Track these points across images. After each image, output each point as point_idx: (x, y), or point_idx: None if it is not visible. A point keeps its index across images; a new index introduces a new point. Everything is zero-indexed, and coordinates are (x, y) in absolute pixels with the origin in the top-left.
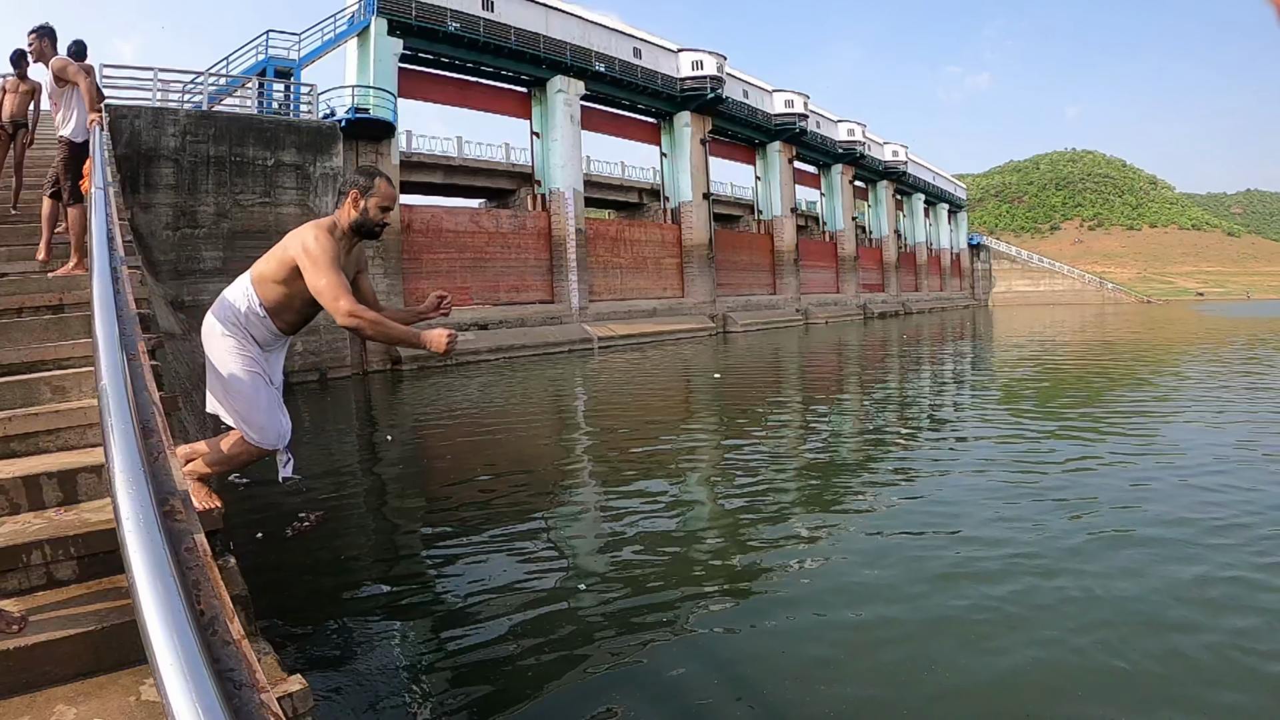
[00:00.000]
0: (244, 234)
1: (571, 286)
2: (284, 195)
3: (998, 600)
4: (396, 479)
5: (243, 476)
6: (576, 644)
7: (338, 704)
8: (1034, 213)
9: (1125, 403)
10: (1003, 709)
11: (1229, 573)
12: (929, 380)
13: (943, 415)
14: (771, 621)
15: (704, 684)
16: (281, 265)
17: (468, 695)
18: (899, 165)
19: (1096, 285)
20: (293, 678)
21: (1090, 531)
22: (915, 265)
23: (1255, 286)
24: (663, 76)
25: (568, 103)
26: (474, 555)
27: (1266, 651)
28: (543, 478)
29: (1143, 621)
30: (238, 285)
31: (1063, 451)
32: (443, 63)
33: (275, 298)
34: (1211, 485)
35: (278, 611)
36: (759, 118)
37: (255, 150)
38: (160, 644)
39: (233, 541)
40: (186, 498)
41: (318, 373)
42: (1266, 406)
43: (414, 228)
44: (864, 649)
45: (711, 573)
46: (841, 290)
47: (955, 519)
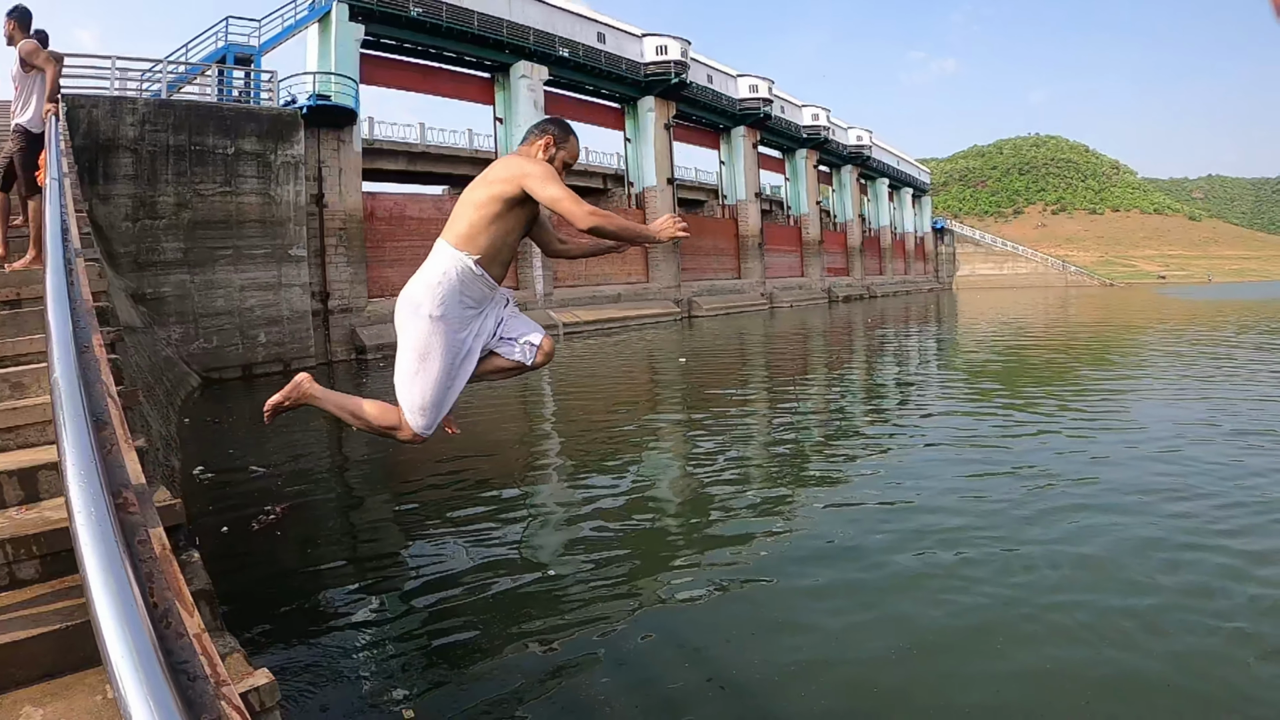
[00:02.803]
0: (205, 224)
1: (536, 273)
2: (245, 184)
3: (968, 581)
4: (361, 469)
5: (207, 470)
6: (545, 626)
7: (307, 696)
8: (997, 197)
9: (1087, 381)
10: (967, 693)
11: (1184, 538)
12: (893, 362)
13: (907, 395)
14: (739, 596)
15: (673, 661)
16: (493, 201)
17: (438, 681)
18: (863, 150)
19: (1059, 268)
20: (259, 671)
21: (1051, 503)
22: (880, 249)
23: (1216, 270)
24: (627, 62)
25: (531, 88)
26: (441, 542)
27: (1218, 609)
28: (509, 464)
29: (1102, 584)
30: (436, 259)
31: (1025, 428)
32: (405, 48)
33: (487, 244)
34: (1170, 459)
35: (245, 605)
36: (723, 102)
37: (215, 139)
38: (112, 637)
39: (198, 536)
40: (142, 491)
41: (281, 364)
42: (1226, 385)
43: (376, 215)
44: (830, 621)
45: (678, 551)
46: (806, 274)
47: (919, 493)
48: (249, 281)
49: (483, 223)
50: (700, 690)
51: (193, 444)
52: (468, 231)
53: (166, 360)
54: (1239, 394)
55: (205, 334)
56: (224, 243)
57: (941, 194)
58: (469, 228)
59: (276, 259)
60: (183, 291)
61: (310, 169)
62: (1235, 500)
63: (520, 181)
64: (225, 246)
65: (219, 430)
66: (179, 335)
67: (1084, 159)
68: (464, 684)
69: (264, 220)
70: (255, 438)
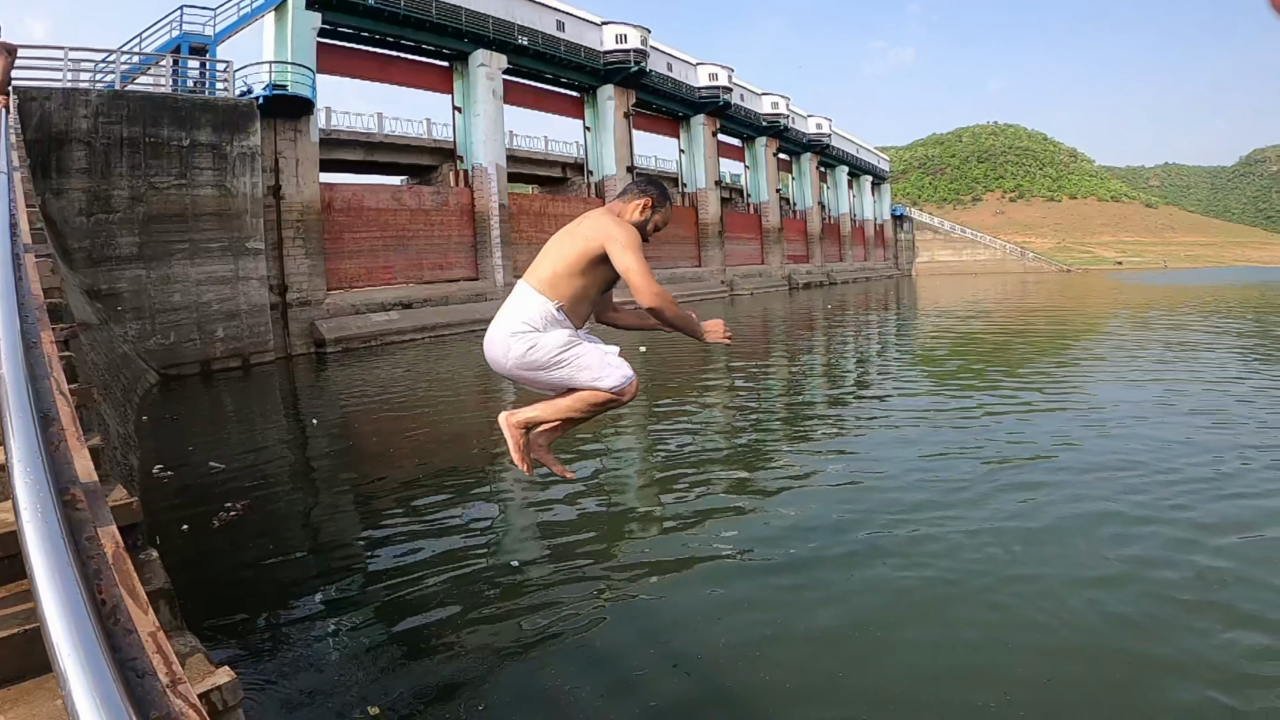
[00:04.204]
0: (160, 218)
1: (496, 263)
2: (200, 176)
3: (925, 557)
4: (322, 463)
5: (166, 468)
6: (509, 614)
7: (272, 693)
8: (956, 184)
9: (1045, 364)
10: (930, 662)
11: (1137, 512)
12: (854, 348)
13: (866, 378)
14: (701, 577)
15: (636, 644)
16: (584, 256)
17: (402, 676)
18: (823, 138)
19: (1018, 255)
20: (220, 670)
21: (1006, 481)
22: (839, 236)
23: (1172, 256)
24: (586, 50)
25: (490, 77)
26: (403, 534)
27: (1169, 579)
28: (471, 455)
29: (1055, 558)
30: (519, 303)
31: (983, 409)
32: (363, 37)
33: (573, 292)
34: (1125, 437)
35: (207, 604)
36: (683, 91)
37: (170, 130)
38: (57, 633)
39: (158, 535)
40: (92, 488)
41: (240, 358)
42: (1181, 367)
43: (335, 207)
44: (788, 598)
45: (639, 535)
46: (766, 262)
47: (877, 473)
48: (206, 276)
49: (566, 273)
50: (662, 672)
51: (151, 442)
52: (551, 279)
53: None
54: (1193, 376)
55: (162, 330)
56: (180, 236)
57: (901, 182)
58: (553, 275)
59: (233, 252)
60: (138, 287)
61: (267, 160)
62: (1187, 476)
63: (604, 243)
64: (181, 240)
65: (178, 427)
66: (136, 331)
67: (1042, 147)
68: (429, 676)
69: (220, 213)
70: (214, 434)
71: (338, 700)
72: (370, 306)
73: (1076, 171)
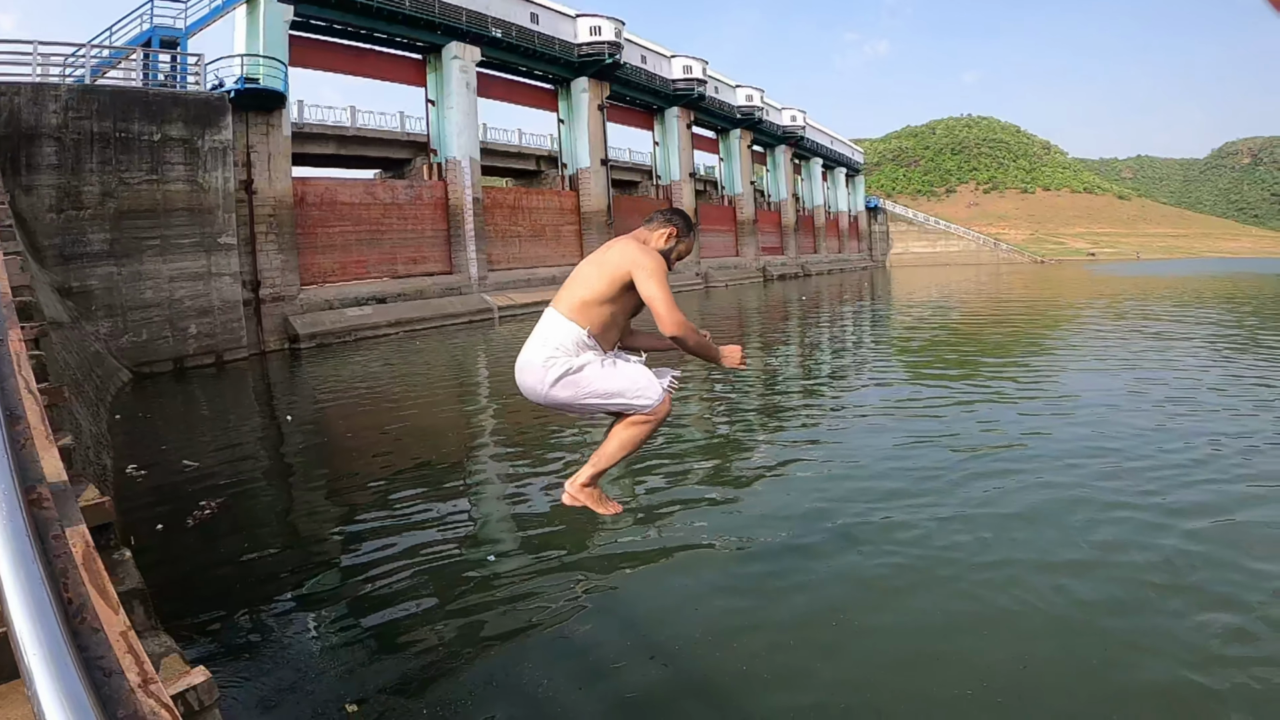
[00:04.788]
0: (131, 214)
1: (470, 256)
2: (172, 171)
3: (896, 545)
4: (297, 460)
5: (140, 467)
6: (486, 608)
7: (249, 692)
8: (930, 176)
9: (1019, 353)
10: (902, 649)
11: (1109, 498)
12: (829, 339)
13: (841, 368)
14: (677, 565)
15: (613, 634)
16: (613, 283)
17: (379, 671)
18: (797, 130)
19: (991, 246)
20: (195, 669)
21: (980, 468)
22: (814, 228)
23: (1144, 247)
24: (560, 42)
25: (463, 69)
26: (380, 531)
27: (1139, 562)
28: (447, 451)
29: (1028, 543)
30: (550, 330)
31: (957, 398)
32: (335, 29)
33: (602, 318)
34: (1098, 425)
35: (182, 603)
36: (657, 83)
37: (141, 125)
38: (22, 631)
39: (132, 535)
40: (61, 488)
41: (213, 355)
42: (1154, 357)
43: (307, 201)
44: (763, 584)
45: (617, 531)
46: (741, 254)
47: (852, 461)
48: (178, 272)
49: (596, 300)
50: (638, 662)
51: (125, 441)
52: (580, 306)
53: (96, 355)
54: (1165, 364)
55: (134, 327)
56: (151, 232)
57: (875, 174)
58: (582, 303)
59: (205, 248)
60: (110, 284)
61: (239, 154)
62: (1158, 463)
63: (632, 270)
64: (153, 236)
65: (151, 426)
66: (108, 329)
67: (1015, 139)
68: (406, 671)
69: (192, 208)
70: (188, 432)
71: (315, 697)
72: (344, 301)
73: (1050, 164)
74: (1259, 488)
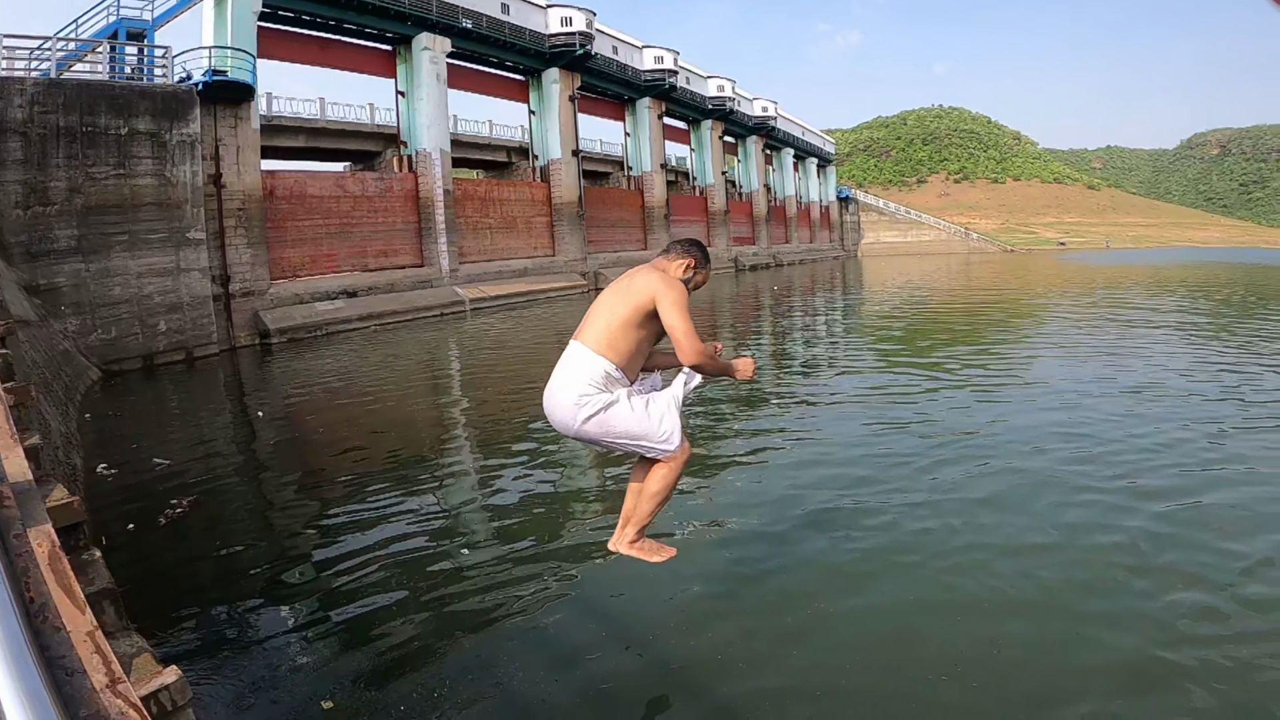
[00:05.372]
0: (99, 209)
1: (441, 249)
2: (139, 165)
3: (866, 530)
4: (270, 456)
5: (110, 466)
6: (460, 603)
7: (222, 691)
8: (901, 166)
9: (989, 341)
10: (874, 632)
11: (1078, 481)
12: (801, 328)
13: (813, 356)
14: (652, 566)
15: (588, 627)
16: (638, 310)
17: (355, 667)
18: (768, 120)
19: (962, 235)
20: (168, 669)
21: (950, 454)
22: (785, 218)
23: (1114, 237)
24: (531, 33)
25: (434, 60)
26: (353, 525)
27: (1104, 543)
28: (420, 444)
29: (996, 527)
30: (578, 365)
31: (928, 385)
32: (304, 20)
33: (628, 348)
34: (1067, 411)
35: (154, 603)
36: (629, 74)
37: (108, 119)
38: None
39: (103, 535)
40: (25, 487)
41: (184, 351)
42: (1122, 344)
43: (277, 194)
44: (735, 570)
45: (588, 517)
46: (712, 244)
47: (824, 447)
48: (146, 268)
49: (621, 330)
50: (611, 651)
51: (95, 440)
52: (607, 339)
53: (64, 354)
54: (1135, 352)
55: (103, 325)
56: (119, 228)
57: (846, 164)
58: (608, 335)
59: (174, 243)
60: (78, 281)
61: (207, 148)
62: (1127, 447)
63: (656, 299)
64: (121, 232)
65: (121, 424)
66: (76, 327)
67: (986, 130)
68: (381, 666)
69: (160, 203)
70: (158, 430)
71: (290, 695)
72: (315, 295)
73: (1020, 154)
74: (1226, 470)
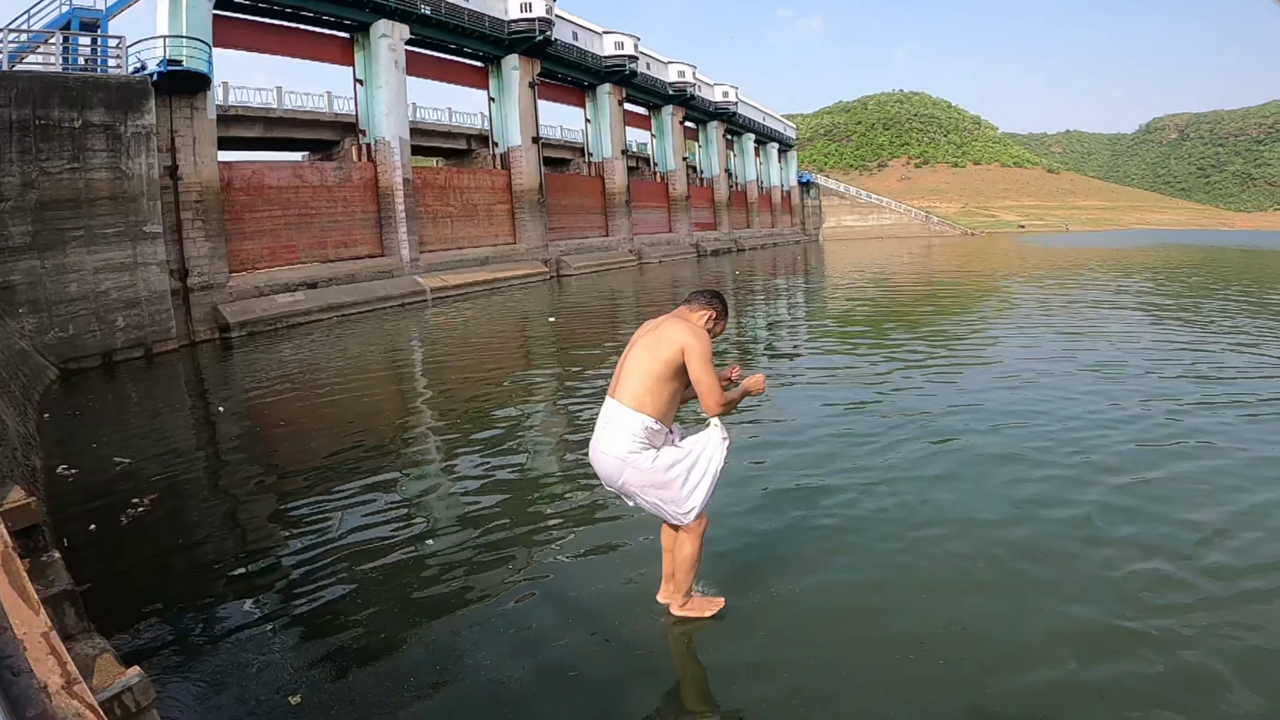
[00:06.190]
0: (53, 204)
1: (401, 238)
2: (94, 159)
3: (829, 508)
4: (231, 451)
5: (71, 466)
6: (428, 596)
7: (188, 689)
8: (862, 151)
9: (950, 323)
10: (837, 607)
11: (1037, 456)
12: (764, 311)
13: (776, 339)
14: (615, 550)
15: (557, 619)
16: (669, 365)
17: (321, 661)
18: (729, 106)
19: (922, 219)
20: (130, 669)
21: (912, 433)
22: (747, 203)
23: (1073, 220)
24: (490, 19)
25: (392, 48)
26: (317, 519)
27: (1061, 517)
28: (383, 435)
29: (956, 504)
30: (621, 423)
31: (890, 366)
32: (260, 8)
33: (663, 401)
34: (1027, 390)
35: (118, 603)
36: (589, 60)
37: (61, 112)
38: None
39: (65, 537)
40: None
41: (143, 348)
42: (1081, 323)
43: (234, 185)
44: (704, 568)
45: (556, 509)
46: (674, 230)
47: (787, 434)
48: (103, 263)
49: (656, 384)
50: (578, 637)
51: (54, 440)
52: (642, 394)
53: (21, 354)
54: (1095, 331)
55: (60, 322)
56: (75, 223)
57: (807, 149)
58: (643, 390)
59: (131, 237)
60: (33, 278)
61: (162, 139)
62: (1087, 423)
63: (685, 353)
64: (76, 227)
65: (81, 423)
66: (33, 326)
67: (947, 115)
68: (348, 659)
69: (115, 196)
70: (119, 429)
71: (257, 691)
72: (274, 288)
73: (980, 138)
74: (1183, 445)
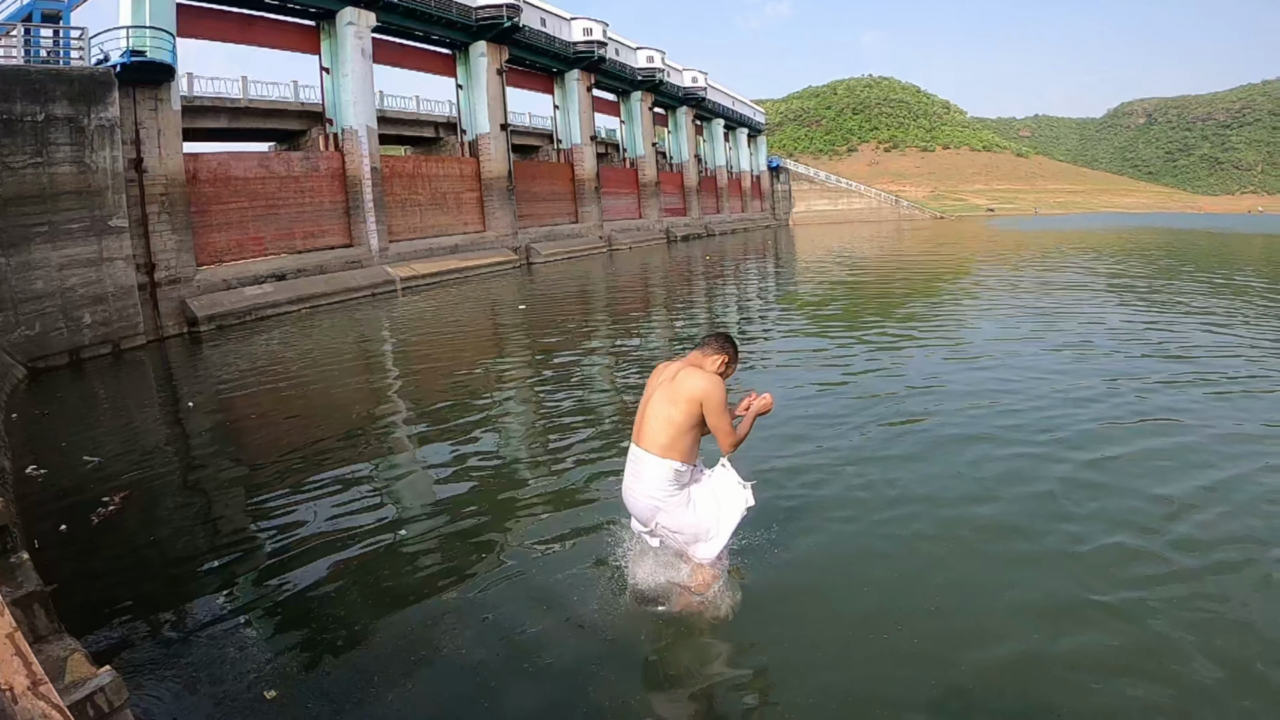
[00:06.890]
0: (17, 200)
1: (370, 228)
2: (58, 153)
3: (798, 488)
4: (202, 446)
5: (40, 466)
6: (403, 587)
7: (162, 688)
8: (831, 136)
9: (921, 305)
10: (809, 577)
11: (1005, 435)
12: (735, 295)
13: (748, 324)
14: (589, 535)
15: (531, 606)
16: (689, 415)
17: (295, 656)
18: (698, 91)
19: (892, 203)
20: (103, 670)
21: (883, 417)
22: (716, 188)
23: (1042, 203)
24: (458, 5)
25: (358, 35)
26: (290, 512)
27: (1027, 492)
28: (355, 426)
29: (925, 480)
30: (651, 470)
31: (861, 349)
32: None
33: (686, 446)
34: (996, 369)
35: (89, 603)
36: (557, 46)
37: (24, 105)
38: None
39: (35, 538)
40: None
41: (110, 344)
42: (1052, 305)
43: (200, 178)
44: None
45: (528, 498)
46: (644, 216)
47: (757, 419)
48: (69, 259)
49: (680, 432)
50: (553, 625)
51: (23, 440)
52: (667, 442)
53: None
54: (1064, 312)
55: (26, 320)
56: (39, 219)
57: (777, 134)
58: (669, 439)
59: (96, 232)
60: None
61: (127, 132)
62: (1055, 401)
63: (703, 403)
64: (41, 223)
65: (50, 423)
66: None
67: (916, 99)
68: (322, 654)
69: (80, 191)
70: (88, 427)
71: (232, 688)
72: (243, 280)
73: (949, 123)
74: (1151, 422)
